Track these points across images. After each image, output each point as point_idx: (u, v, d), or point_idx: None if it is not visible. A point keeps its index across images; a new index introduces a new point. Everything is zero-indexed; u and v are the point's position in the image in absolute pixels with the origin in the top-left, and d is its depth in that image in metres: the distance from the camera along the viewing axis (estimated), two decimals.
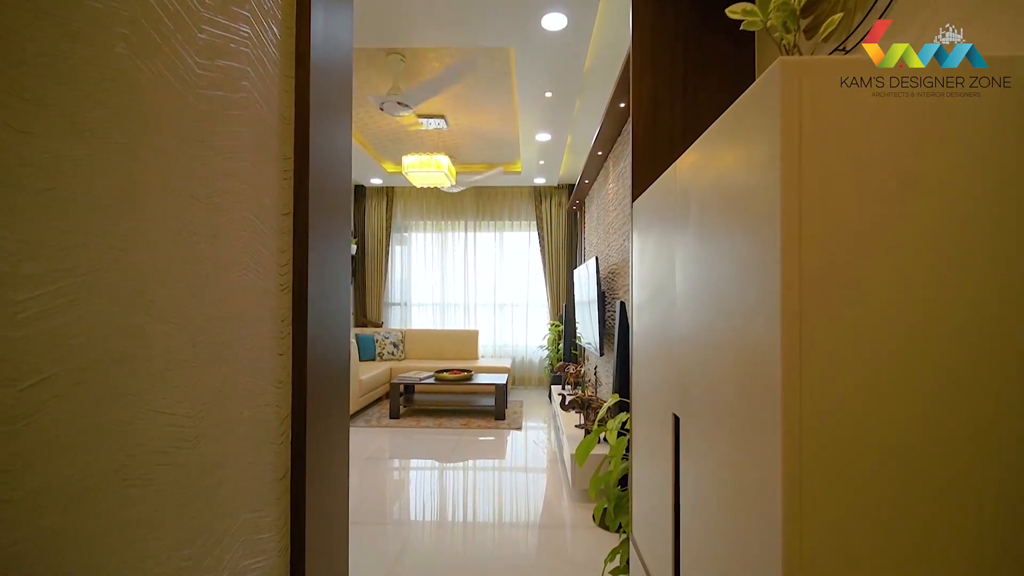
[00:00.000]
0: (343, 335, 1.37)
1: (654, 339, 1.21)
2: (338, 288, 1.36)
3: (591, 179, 4.09)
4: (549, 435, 3.94)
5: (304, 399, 1.11)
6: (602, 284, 3.31)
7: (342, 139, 1.35)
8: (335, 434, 1.31)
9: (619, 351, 2.36)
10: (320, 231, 1.23)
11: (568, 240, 5.91)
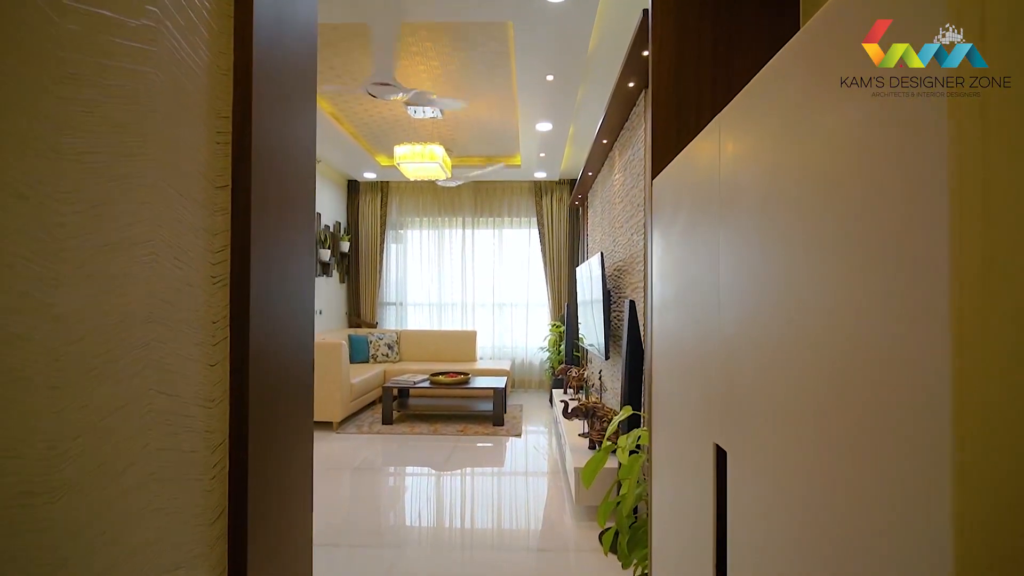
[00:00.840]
0: (304, 340, 1.15)
1: (683, 345, 0.98)
2: (298, 284, 1.14)
3: (595, 171, 3.86)
4: (550, 441, 3.72)
5: (245, 420, 0.89)
6: (607, 282, 3.09)
7: (303, 103, 1.13)
8: (292, 459, 1.09)
9: (629, 356, 2.14)
10: (271, 212, 1.01)
11: (570, 237, 5.69)
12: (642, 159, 2.41)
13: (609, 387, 3.20)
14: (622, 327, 2.84)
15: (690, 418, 0.92)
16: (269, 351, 0.98)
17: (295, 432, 1.08)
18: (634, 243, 2.58)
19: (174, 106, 0.74)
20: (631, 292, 2.65)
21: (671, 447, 1.08)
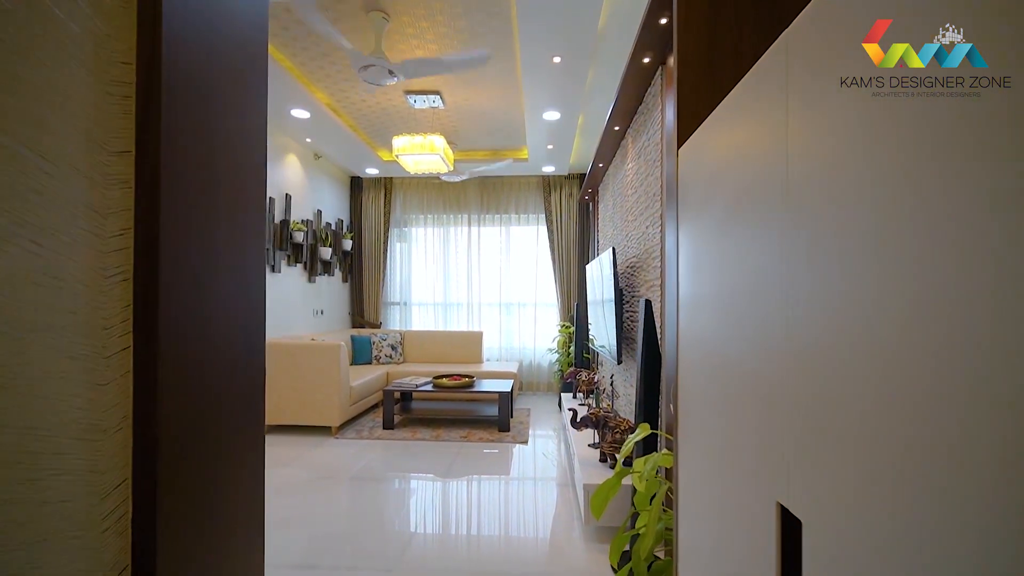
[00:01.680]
0: (253, 341, 0.95)
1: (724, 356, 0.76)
2: (243, 275, 0.94)
3: (606, 162, 3.63)
4: (559, 448, 3.50)
5: (154, 450, 0.69)
6: (620, 280, 2.86)
7: (249, 48, 0.94)
8: (233, 488, 0.89)
9: (644, 362, 1.92)
10: (197, 187, 0.81)
11: (580, 234, 5.46)
12: (658, 143, 2.18)
13: (622, 393, 2.98)
14: (635, 329, 2.61)
15: (737, 456, 0.71)
16: (198, 360, 0.79)
17: (237, 454, 0.88)
18: (649, 236, 2.35)
19: (32, 38, 0.55)
20: (646, 290, 2.43)
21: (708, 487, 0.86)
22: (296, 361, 3.81)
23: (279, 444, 3.59)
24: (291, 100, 3.48)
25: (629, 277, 2.84)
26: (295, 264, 4.45)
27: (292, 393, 3.81)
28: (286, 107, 3.58)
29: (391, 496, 2.68)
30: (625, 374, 2.90)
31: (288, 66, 3.07)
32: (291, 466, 3.13)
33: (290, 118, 3.78)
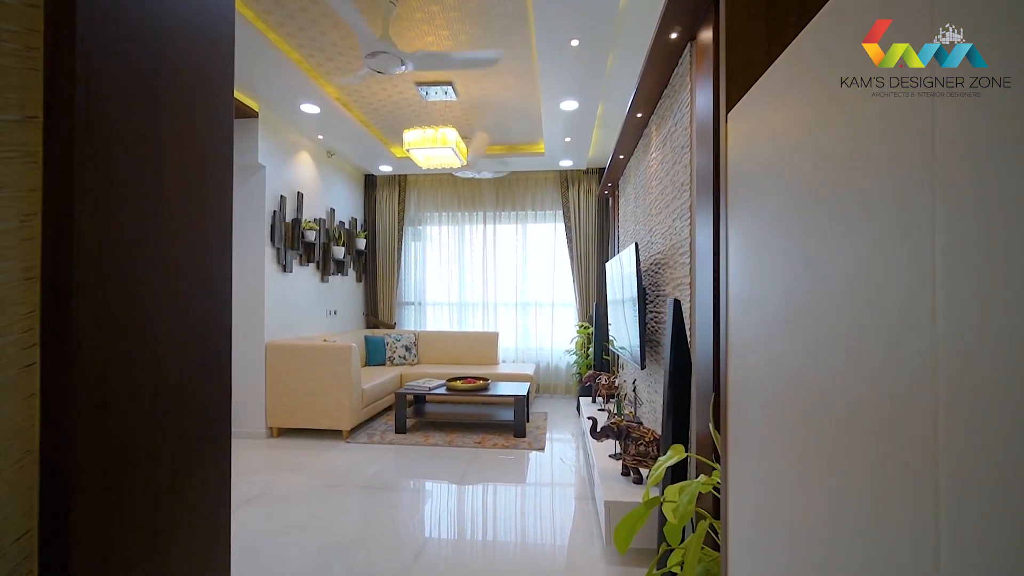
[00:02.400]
0: (214, 346, 0.81)
1: (799, 371, 0.58)
2: (203, 271, 0.80)
3: (627, 153, 3.43)
4: (577, 456, 3.32)
5: (68, 492, 0.55)
6: (643, 278, 2.67)
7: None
8: (188, 531, 0.75)
9: (673, 369, 1.72)
10: (130, 166, 0.67)
11: (599, 231, 5.26)
12: (687, 129, 1.98)
13: (645, 400, 2.78)
14: (660, 331, 2.41)
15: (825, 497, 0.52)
16: (137, 375, 0.65)
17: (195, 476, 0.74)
18: (676, 231, 2.15)
19: None
20: (672, 289, 2.23)
21: (772, 528, 0.68)
22: (306, 363, 3.72)
23: (288, 448, 3.51)
24: (300, 94, 3.38)
25: (653, 275, 2.64)
26: (307, 264, 4.38)
27: (302, 396, 3.72)
28: (296, 102, 3.49)
29: (401, 507, 2.54)
30: (649, 379, 2.70)
31: (296, 58, 2.97)
32: (300, 472, 3.03)
33: (300, 113, 3.69)
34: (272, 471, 3.05)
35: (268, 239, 3.82)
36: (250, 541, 2.16)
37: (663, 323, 2.42)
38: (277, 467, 3.12)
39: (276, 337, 3.90)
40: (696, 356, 1.70)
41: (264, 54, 2.81)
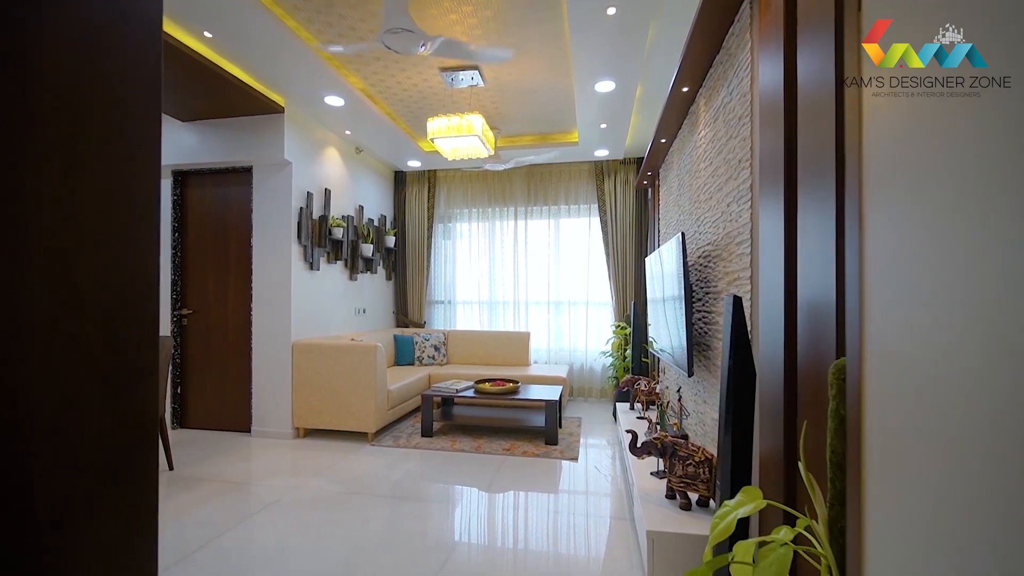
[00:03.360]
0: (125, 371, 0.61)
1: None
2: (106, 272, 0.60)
3: (670, 135, 3.12)
4: (614, 468, 3.05)
5: None
6: (691, 274, 2.37)
7: None
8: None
9: (732, 379, 1.44)
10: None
11: (637, 225, 4.93)
12: (746, 95, 1.69)
13: (692, 411, 2.47)
14: (711, 334, 2.11)
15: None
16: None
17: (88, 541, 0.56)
18: (732, 217, 1.85)
19: None
20: (727, 286, 1.93)
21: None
22: (331, 363, 3.63)
23: (312, 450, 3.41)
24: (324, 86, 3.28)
25: (702, 270, 2.33)
26: (335, 261, 4.30)
27: (327, 397, 3.63)
28: (319, 93, 3.39)
29: (422, 519, 2.36)
30: (697, 387, 2.40)
31: (316, 45, 2.85)
32: (321, 476, 2.92)
33: (324, 106, 3.60)
34: (292, 475, 2.95)
35: (295, 236, 3.75)
36: (259, 553, 2.04)
37: (714, 324, 2.12)
38: (298, 470, 3.03)
39: (303, 336, 3.84)
40: (761, 364, 1.41)
41: (283, 41, 2.71)
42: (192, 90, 3.22)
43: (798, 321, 1.25)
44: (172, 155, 3.83)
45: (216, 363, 3.90)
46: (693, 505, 1.87)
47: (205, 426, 3.91)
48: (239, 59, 2.94)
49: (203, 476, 2.91)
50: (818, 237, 1.11)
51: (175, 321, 3.90)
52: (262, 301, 3.75)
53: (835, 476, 0.71)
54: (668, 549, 1.66)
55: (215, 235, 3.92)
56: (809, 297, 1.17)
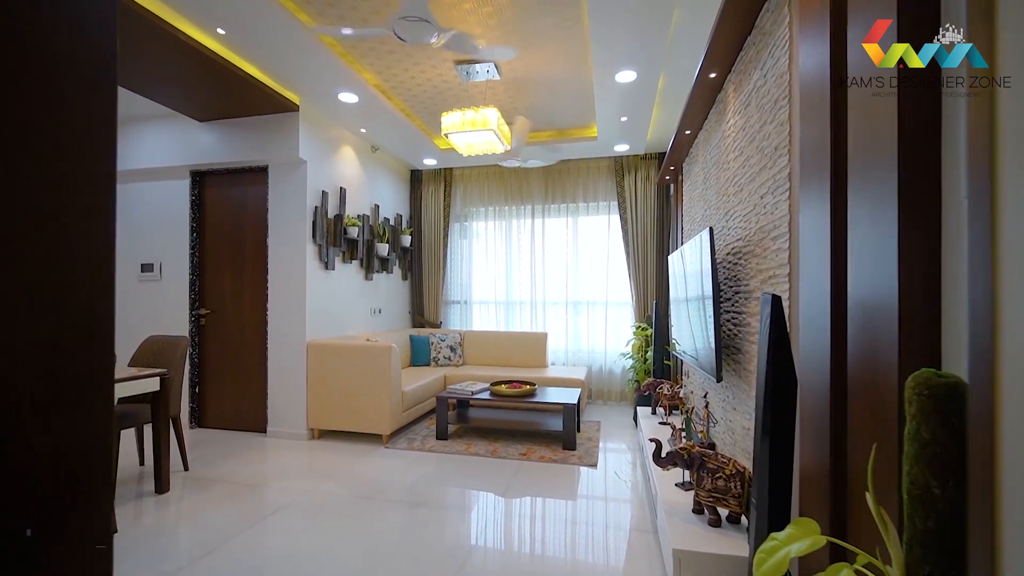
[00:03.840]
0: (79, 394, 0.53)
1: None
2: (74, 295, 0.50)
3: (695, 126, 2.96)
4: (635, 475, 2.91)
5: None
6: (719, 271, 2.22)
7: None
8: None
9: (771, 386, 1.30)
10: None
11: (659, 222, 4.76)
12: (783, 75, 1.54)
13: (721, 419, 2.32)
14: (741, 336, 1.97)
15: None
16: None
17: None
18: (767, 209, 1.71)
19: None
20: (760, 284, 1.78)
21: None
22: (345, 363, 3.58)
23: (326, 452, 3.37)
24: (337, 82, 3.23)
25: (731, 267, 2.18)
26: (350, 261, 4.27)
27: (341, 398, 3.59)
28: (333, 90, 3.35)
29: (433, 528, 2.28)
30: (726, 394, 2.25)
31: (328, 41, 2.80)
32: (334, 479, 2.86)
33: (338, 103, 3.56)
34: (305, 477, 2.90)
35: (310, 235, 3.72)
36: (269, 558, 1.98)
37: (744, 326, 1.97)
38: (312, 473, 2.98)
39: (319, 336, 3.81)
40: (802, 370, 1.27)
41: (295, 36, 2.66)
42: (207, 89, 3.21)
43: (848, 324, 1.11)
44: (190, 155, 3.84)
45: (232, 363, 3.90)
46: (723, 521, 1.74)
47: (222, 426, 3.92)
48: (253, 56, 2.91)
49: (217, 477, 2.89)
50: (874, 232, 0.97)
51: (193, 321, 3.92)
52: (277, 301, 3.74)
53: (916, 513, 0.59)
54: (696, 570, 1.53)
55: (232, 235, 3.92)
56: (862, 298, 1.03)
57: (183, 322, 3.92)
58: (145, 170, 4.00)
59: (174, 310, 3.94)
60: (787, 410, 1.30)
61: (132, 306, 4.05)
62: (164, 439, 2.65)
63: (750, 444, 1.89)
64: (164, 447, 2.64)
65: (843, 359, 1.14)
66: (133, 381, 2.46)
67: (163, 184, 4.02)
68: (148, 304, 4.02)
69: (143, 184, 4.08)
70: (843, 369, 1.14)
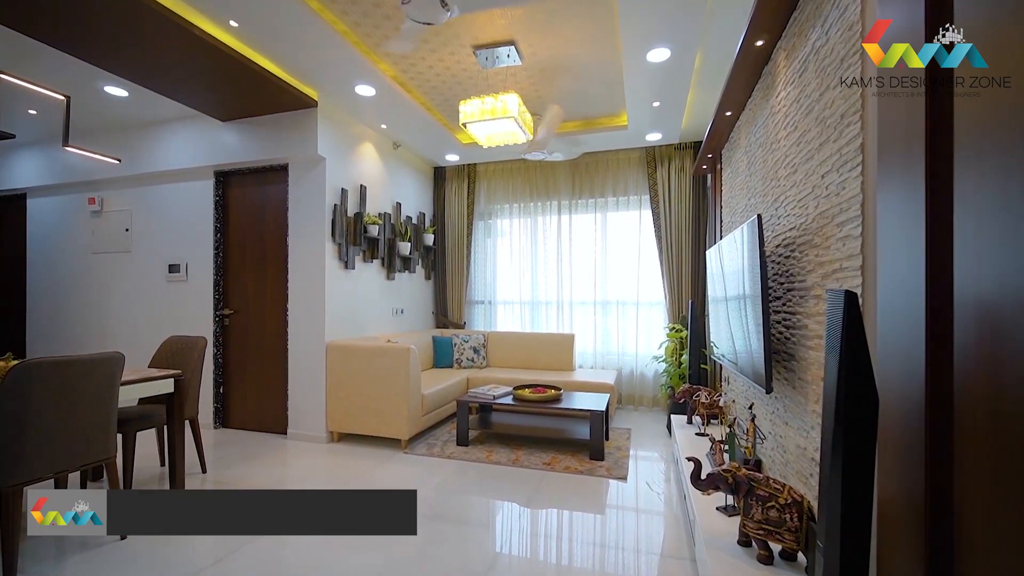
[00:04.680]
0: None
1: None
2: None
3: (737, 106, 2.68)
4: (668, 491, 2.65)
5: None
6: (768, 266, 1.95)
7: None
8: None
9: (843, 400, 1.05)
10: None
11: (694, 217, 4.44)
12: (853, 25, 1.28)
13: (769, 434, 2.05)
14: (795, 340, 1.70)
15: None
16: None
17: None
18: (832, 190, 1.44)
19: None
20: (822, 279, 1.52)
21: None
22: (364, 365, 3.48)
23: (344, 456, 3.27)
24: (354, 75, 3.13)
25: (781, 262, 1.91)
26: (371, 260, 4.18)
27: (360, 400, 3.49)
28: (351, 83, 3.25)
29: (448, 543, 2.11)
30: (776, 406, 1.97)
31: (342, 29, 2.69)
32: (349, 486, 2.75)
33: (356, 97, 3.46)
34: (322, 483, 2.80)
35: (329, 234, 3.65)
36: (282, 570, 1.86)
37: (799, 328, 1.71)
38: (328, 478, 2.88)
39: (339, 337, 3.73)
40: (883, 383, 1.02)
41: (309, 26, 2.56)
42: (223, 85, 3.17)
43: (954, 329, 0.86)
44: (213, 155, 3.84)
45: (255, 363, 3.88)
46: (775, 558, 1.48)
47: (245, 426, 3.90)
48: (267, 49, 2.84)
49: (233, 480, 2.83)
50: (1009, 215, 0.72)
51: (217, 321, 3.92)
52: (297, 301, 3.68)
53: None
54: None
55: (254, 234, 3.90)
56: (981, 297, 0.78)
57: (208, 322, 3.92)
58: (172, 171, 4.04)
59: (200, 310, 3.96)
60: (866, 431, 1.05)
61: (161, 307, 4.10)
62: (179, 441, 2.60)
63: (805, 465, 1.63)
64: (179, 449, 2.59)
65: (945, 371, 0.89)
66: (146, 383, 2.41)
67: (189, 185, 4.05)
68: (176, 305, 4.05)
69: (170, 185, 4.13)
70: (944, 383, 0.89)
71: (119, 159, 3.72)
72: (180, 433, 2.61)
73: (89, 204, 4.40)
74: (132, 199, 4.27)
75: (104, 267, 4.36)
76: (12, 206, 4.89)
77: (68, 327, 4.51)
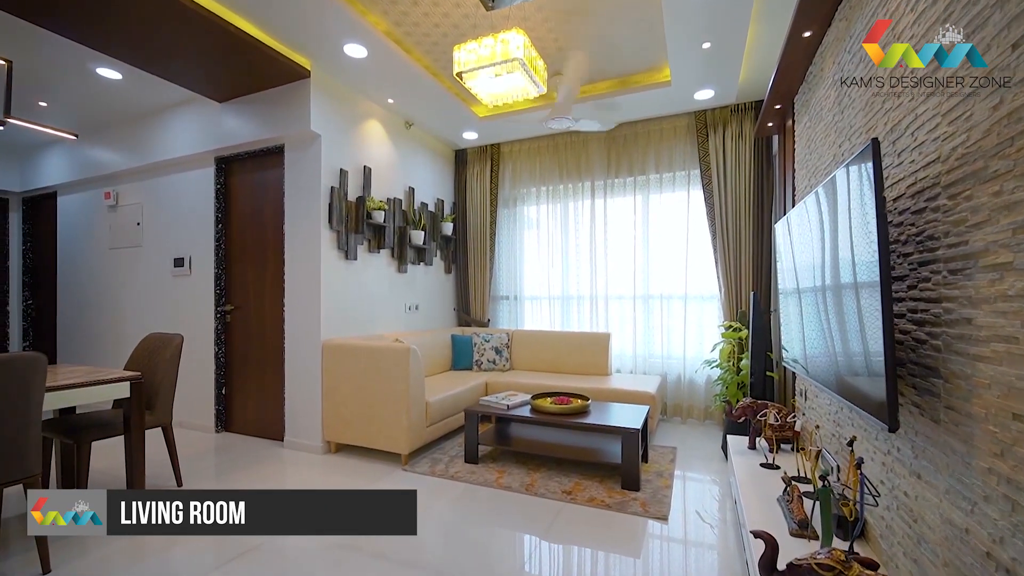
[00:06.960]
0: None
1: None
2: None
3: (820, 22, 1.95)
4: (725, 542, 1.99)
5: None
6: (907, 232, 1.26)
7: None
8: None
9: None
10: None
11: (756, 194, 3.67)
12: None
13: (889, 488, 1.36)
14: (947, 347, 1.02)
15: None
16: None
17: None
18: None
19: None
20: (1014, 232, 0.84)
21: None
22: (360, 367, 3.05)
23: (338, 471, 2.85)
24: (340, 32, 2.70)
25: (914, 218, 1.22)
26: (378, 250, 3.76)
27: (356, 407, 3.06)
28: (339, 43, 2.82)
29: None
30: (902, 444, 1.28)
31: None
32: None
33: (347, 60, 3.03)
34: None
35: (325, 220, 3.26)
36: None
37: (953, 325, 1.03)
38: None
39: (339, 335, 3.34)
40: None
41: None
42: (212, 59, 2.87)
43: None
44: (213, 139, 3.58)
45: (254, 364, 3.58)
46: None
47: (246, 431, 3.61)
48: (251, 13, 2.49)
49: None
50: None
51: (219, 317, 3.66)
52: (293, 295, 3.32)
53: None
54: None
55: (253, 224, 3.60)
56: None
57: (209, 319, 3.67)
58: (173, 160, 3.83)
59: (201, 306, 3.71)
60: None
61: (166, 303, 3.91)
62: (139, 452, 2.27)
63: (967, 557, 0.96)
64: (138, 461, 2.26)
65: None
66: (82, 388, 2.07)
67: (190, 174, 3.82)
68: (180, 300, 3.84)
69: (172, 176, 3.93)
70: None
71: (76, 134, 3.51)
72: (139, 443, 2.28)
73: (105, 199, 4.32)
74: (143, 192, 4.12)
75: (119, 263, 4.25)
76: (45, 204, 4.95)
77: (89, 327, 4.46)
